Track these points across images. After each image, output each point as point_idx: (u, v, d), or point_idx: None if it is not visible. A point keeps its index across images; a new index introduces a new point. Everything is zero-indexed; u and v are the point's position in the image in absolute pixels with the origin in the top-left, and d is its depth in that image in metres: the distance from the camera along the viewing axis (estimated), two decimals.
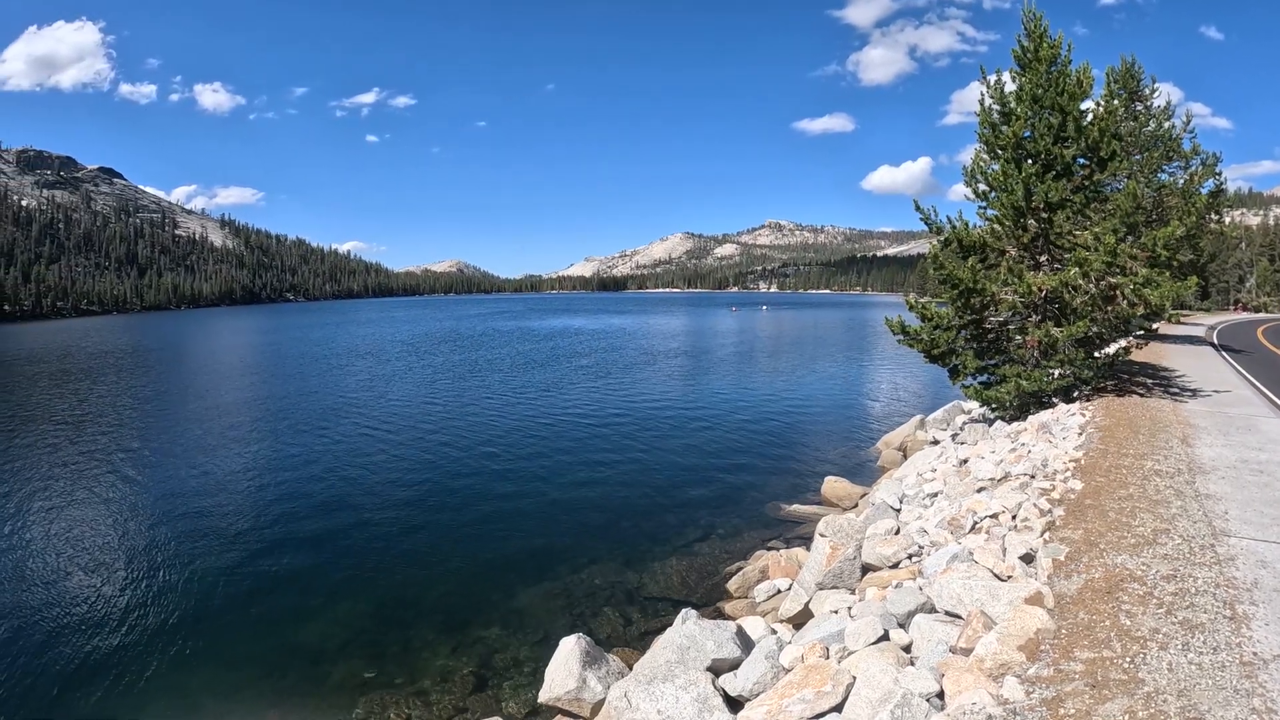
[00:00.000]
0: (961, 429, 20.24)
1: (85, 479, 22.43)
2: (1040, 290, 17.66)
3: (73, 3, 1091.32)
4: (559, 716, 9.66)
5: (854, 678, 6.86)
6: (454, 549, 16.30)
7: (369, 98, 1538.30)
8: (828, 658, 7.83)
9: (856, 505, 17.19)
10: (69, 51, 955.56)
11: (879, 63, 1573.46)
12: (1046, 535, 8.91)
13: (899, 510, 13.07)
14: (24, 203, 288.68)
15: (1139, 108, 34.83)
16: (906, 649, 7.55)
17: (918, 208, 19.92)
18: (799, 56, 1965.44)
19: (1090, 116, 18.35)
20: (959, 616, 7.60)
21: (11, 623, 13.16)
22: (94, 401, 38.89)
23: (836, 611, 9.58)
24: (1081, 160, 18.55)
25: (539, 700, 9.90)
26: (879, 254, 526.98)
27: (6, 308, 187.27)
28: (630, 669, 9.97)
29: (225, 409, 36.04)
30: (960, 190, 20.63)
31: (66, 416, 33.69)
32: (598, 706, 9.34)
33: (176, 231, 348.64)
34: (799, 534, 16.07)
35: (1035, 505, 9.94)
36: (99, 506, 19.77)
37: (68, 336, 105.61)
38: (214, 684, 11.16)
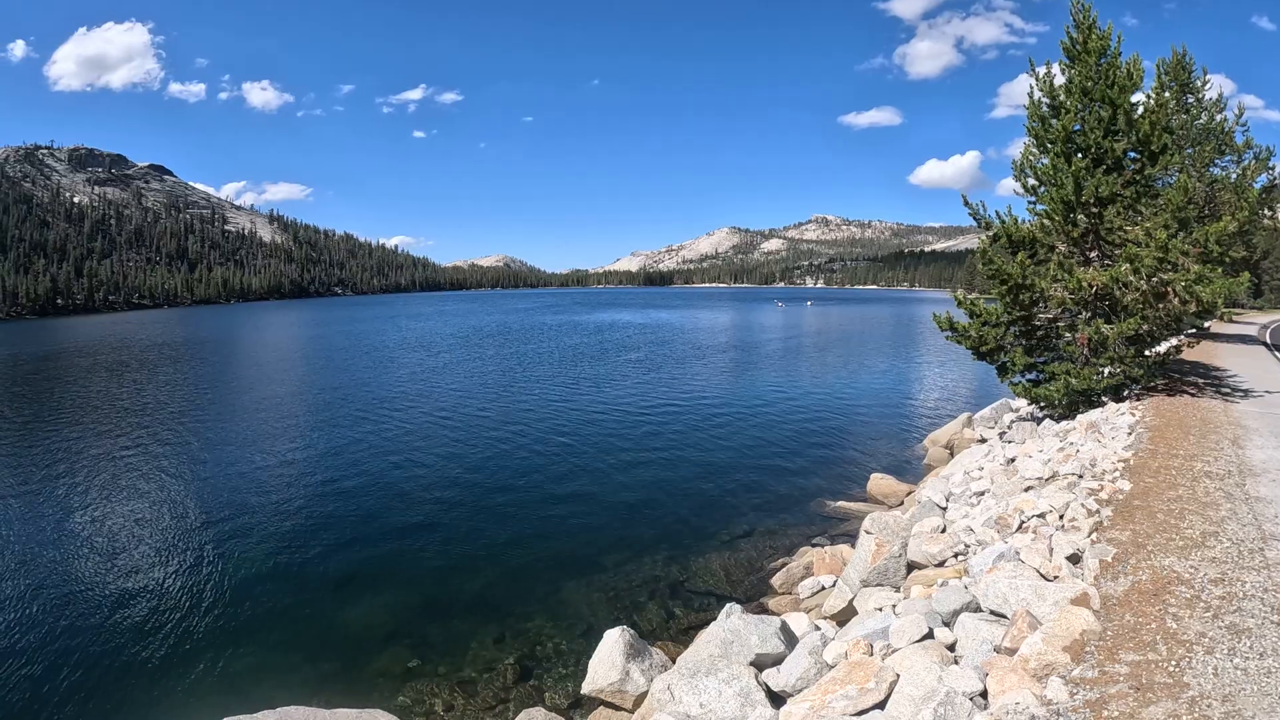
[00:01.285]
0: (1009, 427, 20.09)
1: (141, 466, 23.08)
2: (1090, 287, 17.46)
3: (122, 5, 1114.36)
4: (601, 708, 9.75)
5: (898, 675, 6.88)
6: (499, 541, 16.51)
7: (416, 94, 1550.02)
8: (872, 654, 7.87)
9: (903, 503, 17.15)
10: (118, 52, 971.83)
11: (926, 55, 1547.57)
12: (1094, 536, 8.86)
13: (945, 508, 13.02)
14: (76, 200, 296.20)
15: (1190, 100, 34.20)
16: (951, 648, 7.56)
17: (966, 202, 19.78)
18: (845, 49, 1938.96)
19: (1141, 109, 18.06)
20: (1004, 616, 7.58)
21: (65, 603, 13.61)
22: (150, 392, 39.88)
23: (881, 609, 9.61)
24: (1132, 154, 18.31)
25: (582, 691, 10.02)
26: (926, 249, 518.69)
27: (60, 302, 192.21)
28: (673, 662, 10.03)
29: (277, 400, 36.81)
30: (1009, 185, 20.41)
31: (124, 406, 34.67)
32: (640, 699, 9.42)
33: (226, 227, 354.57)
34: (844, 531, 16.10)
35: (1083, 505, 9.87)
36: (153, 493, 20.37)
37: (122, 329, 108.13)
38: (260, 668, 11.45)
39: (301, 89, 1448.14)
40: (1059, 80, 19.19)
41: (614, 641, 9.99)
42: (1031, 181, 19.46)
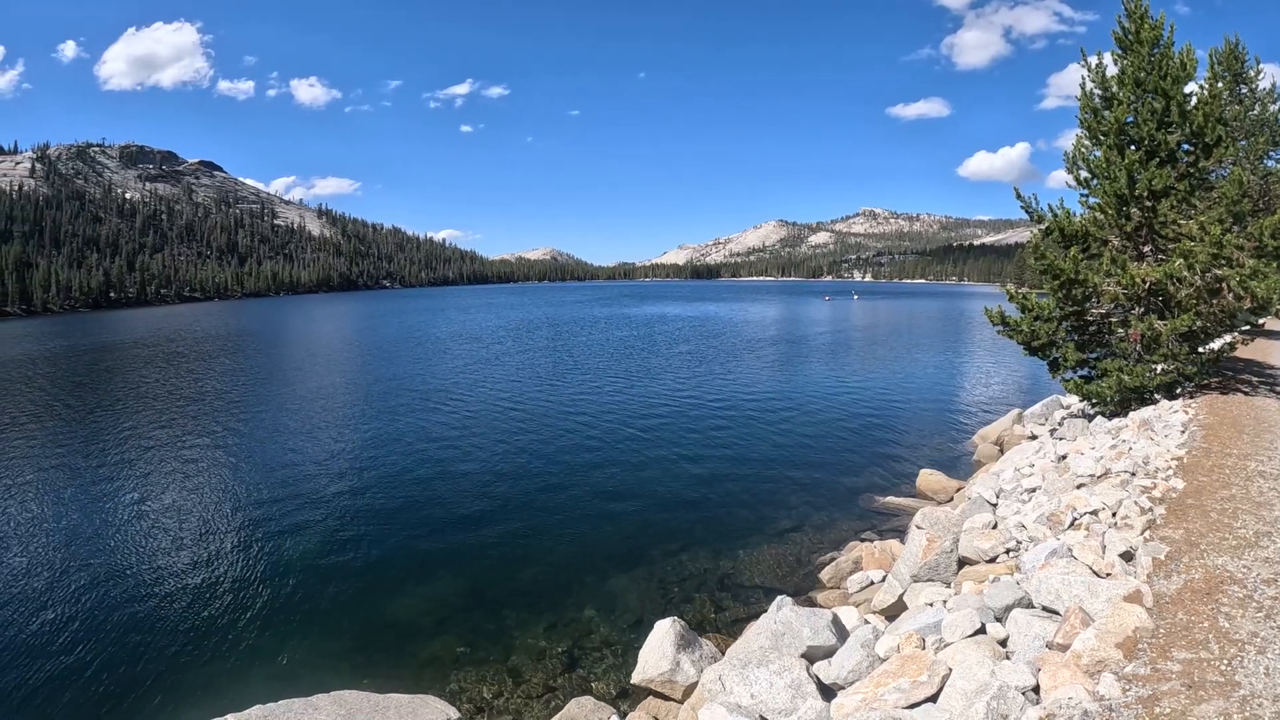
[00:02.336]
0: (1060, 424, 19.92)
1: (196, 455, 23.73)
2: (1144, 282, 17.27)
3: (170, 5, 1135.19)
4: (650, 698, 9.88)
5: (950, 669, 6.92)
6: (548, 531, 16.72)
7: (463, 89, 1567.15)
8: (924, 648, 7.92)
9: (952, 499, 17.11)
10: (168, 52, 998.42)
11: (973, 46, 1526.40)
12: (1147, 534, 8.87)
13: (996, 505, 13.02)
14: (128, 195, 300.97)
15: (1244, 91, 33.40)
16: (1003, 643, 7.59)
17: (1018, 195, 19.54)
18: (891, 40, 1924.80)
19: (1194, 101, 17.76)
20: (1056, 612, 7.61)
21: (120, 586, 14.12)
22: (205, 381, 40.86)
23: (931, 604, 9.65)
24: (1186, 146, 17.99)
25: (631, 681, 10.15)
26: (975, 243, 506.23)
27: (112, 295, 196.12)
28: (722, 654, 10.17)
29: (327, 390, 37.49)
30: (1059, 177, 20.27)
31: (182, 394, 35.66)
32: (690, 689, 9.55)
33: (275, 221, 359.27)
34: (892, 526, 16.10)
35: (1136, 503, 9.86)
36: (208, 481, 20.95)
37: (174, 321, 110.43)
38: (310, 654, 11.74)
39: (349, 85, 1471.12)
40: (1111, 71, 18.91)
41: (665, 631, 10.13)
42: (1084, 174, 19.21)
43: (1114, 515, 9.84)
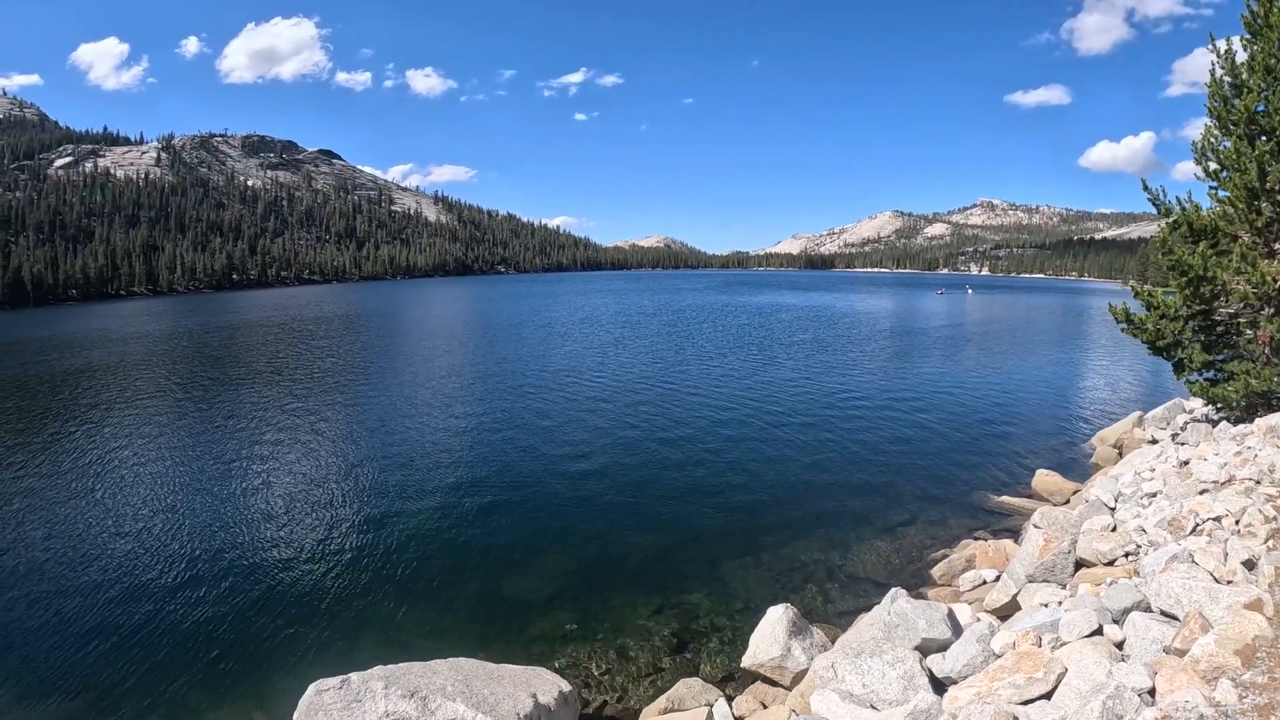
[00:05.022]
0: (1183, 428, 19.35)
1: (323, 427, 25.38)
2: (1274, 280, 16.65)
3: (289, 0, 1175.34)
4: (758, 683, 10.16)
5: (1066, 667, 7.00)
6: (659, 516, 17.15)
7: (576, 77, 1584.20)
8: (1040, 646, 7.98)
9: (1068, 501, 16.89)
10: (287, 46, 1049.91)
11: (1094, 30, 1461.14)
12: (1270, 542, 8.76)
13: (1114, 508, 12.88)
14: (250, 183, 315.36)
15: None
16: (1119, 645, 7.63)
17: (1145, 187, 18.95)
18: (1009, 24, 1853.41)
19: None
20: (1175, 617, 7.59)
21: (247, 549, 15.25)
22: (335, 357, 43.86)
23: (1046, 604, 9.72)
24: None
25: (741, 665, 10.46)
26: (1096, 237, 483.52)
27: (235, 277, 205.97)
28: (832, 644, 10.41)
29: (451, 368, 39.26)
30: (1185, 169, 19.47)
31: (311, 369, 38.25)
32: (799, 676, 9.80)
33: (393, 207, 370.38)
34: (1006, 526, 16.04)
35: (1260, 511, 9.69)
36: (334, 452, 22.31)
37: (297, 301, 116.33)
38: (425, 623, 12.43)
39: (464, 75, 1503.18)
40: (1240, 57, 18.15)
41: (778, 618, 10.39)
42: (1213, 166, 18.47)
43: (1237, 522, 9.70)
